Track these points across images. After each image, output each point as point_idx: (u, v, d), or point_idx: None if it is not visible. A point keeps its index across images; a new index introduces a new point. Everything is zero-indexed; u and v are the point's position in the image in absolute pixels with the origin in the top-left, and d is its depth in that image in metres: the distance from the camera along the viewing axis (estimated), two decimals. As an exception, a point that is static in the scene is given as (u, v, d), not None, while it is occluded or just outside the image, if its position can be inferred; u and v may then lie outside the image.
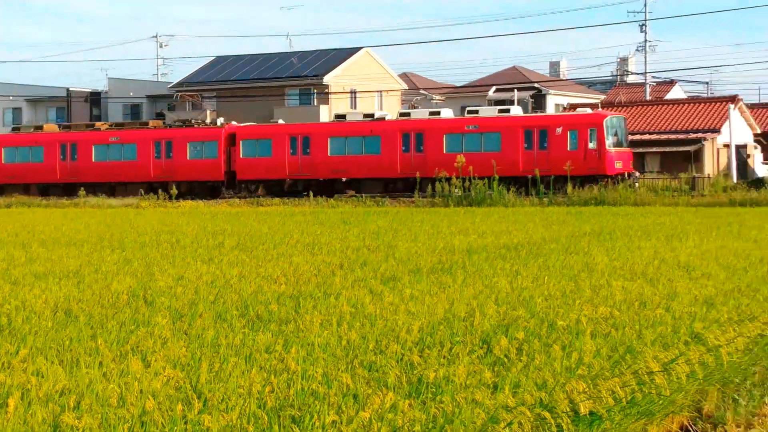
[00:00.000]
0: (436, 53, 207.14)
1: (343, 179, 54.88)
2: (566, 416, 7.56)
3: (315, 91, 74.14)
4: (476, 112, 54.44)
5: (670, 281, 14.33)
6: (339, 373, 8.12)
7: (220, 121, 61.73)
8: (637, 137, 58.91)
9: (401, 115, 56.78)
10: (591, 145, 49.77)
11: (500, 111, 53.79)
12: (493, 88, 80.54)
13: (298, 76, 75.68)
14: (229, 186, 57.89)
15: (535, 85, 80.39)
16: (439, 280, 14.65)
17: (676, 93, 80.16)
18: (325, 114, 68.89)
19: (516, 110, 54.86)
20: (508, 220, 31.00)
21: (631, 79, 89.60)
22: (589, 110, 54.64)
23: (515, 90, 75.01)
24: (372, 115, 56.34)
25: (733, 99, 62.29)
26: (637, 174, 51.98)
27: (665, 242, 21.36)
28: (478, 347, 9.52)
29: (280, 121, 61.88)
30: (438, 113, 55.49)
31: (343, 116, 57.95)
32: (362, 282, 14.40)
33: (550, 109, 76.17)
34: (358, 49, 78.11)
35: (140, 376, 7.93)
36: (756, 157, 65.79)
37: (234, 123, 60.88)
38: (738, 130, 60.22)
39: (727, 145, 60.03)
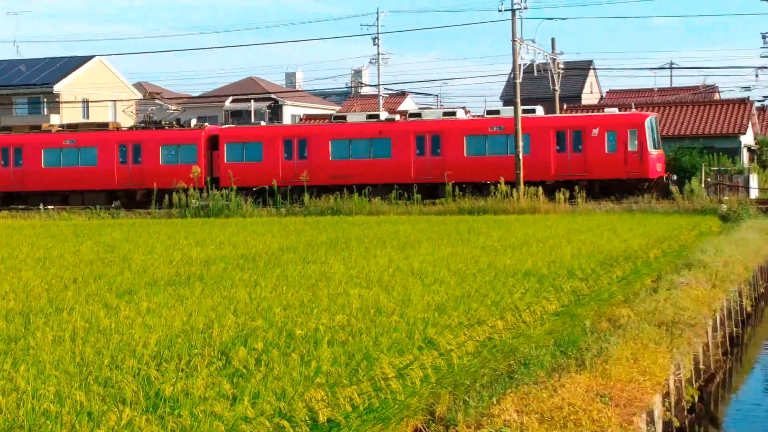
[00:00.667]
0: (172, 63, 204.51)
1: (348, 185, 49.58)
2: (305, 425, 7.64)
3: (45, 100, 71.56)
4: (498, 112, 50.61)
5: (405, 288, 14.73)
6: (72, 391, 7.87)
7: (193, 121, 56.27)
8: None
9: (411, 115, 51.94)
10: (631, 147, 46.36)
11: (525, 112, 48.85)
12: (230, 99, 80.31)
13: (27, 84, 72.85)
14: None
15: (272, 95, 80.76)
16: (177, 292, 14.46)
17: (407, 104, 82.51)
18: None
19: (539, 110, 50.51)
20: (247, 231, 30.96)
21: (365, 90, 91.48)
22: (615, 110, 50.80)
23: (252, 100, 75.05)
24: (377, 116, 51.88)
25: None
26: (675, 177, 48.31)
27: (399, 250, 21.92)
28: (216, 359, 9.47)
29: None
30: (453, 113, 51.24)
31: (343, 117, 53.63)
32: (97, 296, 14.02)
33: (287, 120, 76.70)
34: (90, 57, 76.01)
35: None
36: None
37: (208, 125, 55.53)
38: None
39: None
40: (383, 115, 52.41)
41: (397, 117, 52.47)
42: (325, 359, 9.40)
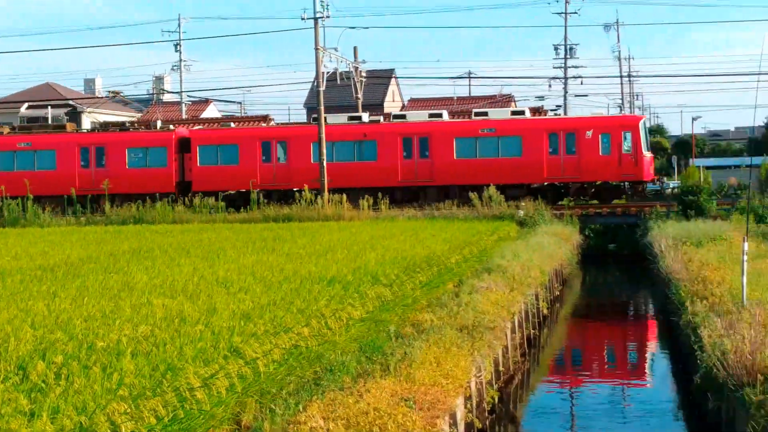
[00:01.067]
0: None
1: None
2: (108, 438, 7.46)
3: None
4: (486, 114, 49.18)
5: (210, 297, 14.59)
6: None
7: (158, 123, 52.51)
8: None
9: (395, 117, 50.10)
10: (625, 149, 45.82)
11: (513, 113, 48.61)
12: (25, 105, 77.65)
13: None
14: (182, 198, 47.95)
15: (70, 102, 78.53)
16: (-30, 305, 13.88)
17: (211, 112, 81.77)
18: None
19: (528, 113, 49.82)
20: (45, 241, 30.00)
21: (167, 97, 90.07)
22: (603, 112, 50.16)
23: (49, 107, 72.79)
24: (359, 118, 49.57)
25: (265, 118, 64.65)
26: (665, 180, 48.01)
27: (204, 259, 21.70)
28: (13, 373, 9.14)
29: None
30: (440, 115, 49.60)
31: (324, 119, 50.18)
32: None
33: (87, 126, 74.74)
34: None
35: None
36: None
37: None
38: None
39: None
40: (366, 116, 50.42)
41: (381, 118, 50.83)
42: (128, 371, 9.21)
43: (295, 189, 46.65)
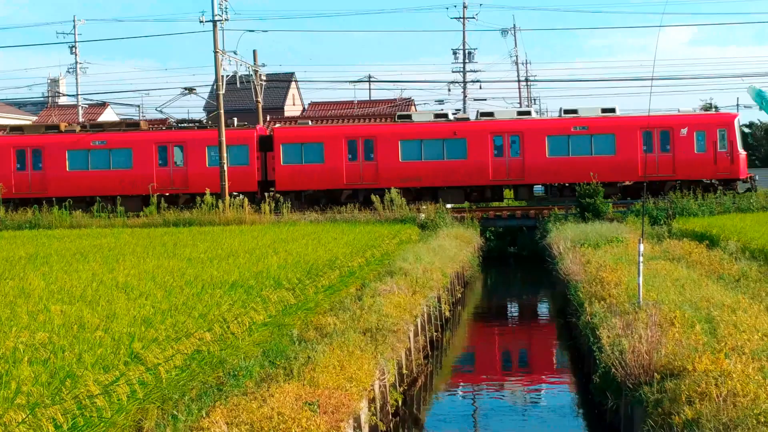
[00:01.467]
0: None
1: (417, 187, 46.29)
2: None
3: None
4: (576, 112, 47.71)
5: (110, 302, 14.36)
6: None
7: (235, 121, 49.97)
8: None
9: (483, 114, 48.66)
10: (720, 147, 45.39)
11: (604, 111, 47.30)
12: None
13: None
14: (262, 197, 46.05)
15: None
16: None
17: (108, 115, 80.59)
18: None
19: (618, 111, 48.33)
20: None
21: (63, 100, 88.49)
22: (691, 110, 49.20)
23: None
24: (445, 115, 48.21)
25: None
26: (757, 177, 47.26)
27: (103, 264, 21.35)
28: None
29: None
30: (528, 113, 48.60)
31: (408, 116, 49.06)
32: None
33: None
34: None
35: None
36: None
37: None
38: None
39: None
40: (450, 114, 49.07)
41: (470, 116, 49.58)
42: (26, 379, 9.01)
43: (385, 188, 45.24)
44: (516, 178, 46.52)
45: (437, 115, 48.57)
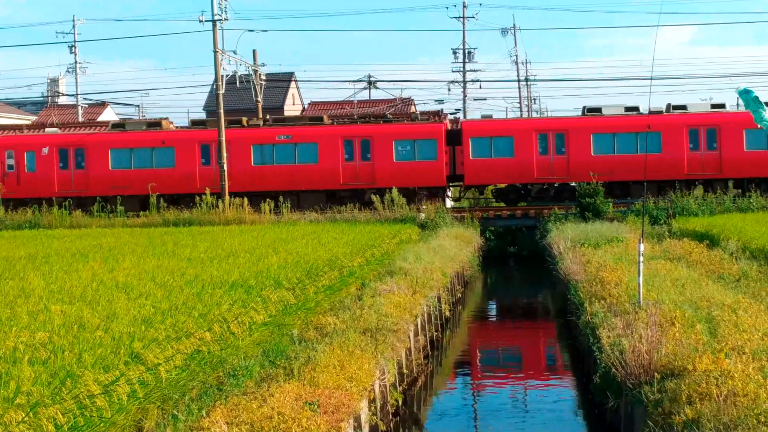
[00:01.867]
0: None
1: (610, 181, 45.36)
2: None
3: None
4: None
5: (110, 302, 14.36)
6: None
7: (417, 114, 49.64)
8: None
9: (675, 108, 47.05)
10: None
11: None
12: None
13: None
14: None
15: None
16: None
17: (108, 115, 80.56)
18: None
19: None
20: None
21: (62, 100, 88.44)
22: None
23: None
24: (636, 109, 46.83)
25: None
26: None
27: (103, 264, 21.34)
28: None
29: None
30: (723, 106, 47.26)
31: (598, 109, 47.70)
32: None
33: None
34: None
35: None
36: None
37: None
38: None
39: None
40: (643, 107, 47.76)
41: (663, 109, 47.76)
42: (26, 379, 9.01)
43: (573, 182, 45.09)
44: (713, 172, 45.62)
45: (628, 109, 47.56)
